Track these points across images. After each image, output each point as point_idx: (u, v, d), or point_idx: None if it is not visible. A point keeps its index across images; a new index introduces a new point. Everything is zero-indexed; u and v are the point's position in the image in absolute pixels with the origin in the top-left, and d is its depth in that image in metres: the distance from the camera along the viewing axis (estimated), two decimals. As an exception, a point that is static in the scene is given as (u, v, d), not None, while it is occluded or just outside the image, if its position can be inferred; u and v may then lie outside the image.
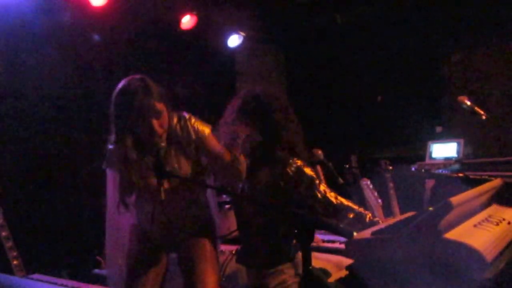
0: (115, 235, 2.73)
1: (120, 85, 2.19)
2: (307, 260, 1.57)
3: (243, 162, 2.33)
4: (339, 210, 2.39)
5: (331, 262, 2.70)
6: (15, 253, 2.94)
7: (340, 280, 2.33)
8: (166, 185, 2.26)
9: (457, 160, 4.16)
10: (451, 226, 1.61)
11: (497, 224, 1.71)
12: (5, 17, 3.39)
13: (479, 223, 1.69)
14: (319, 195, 2.38)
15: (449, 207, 1.51)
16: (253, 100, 2.50)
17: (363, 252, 1.73)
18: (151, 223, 2.36)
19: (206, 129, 2.34)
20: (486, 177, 2.39)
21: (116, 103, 2.18)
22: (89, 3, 3.70)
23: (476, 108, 3.05)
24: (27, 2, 3.33)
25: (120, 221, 2.59)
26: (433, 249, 1.51)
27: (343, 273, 2.34)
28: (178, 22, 4.53)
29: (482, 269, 1.41)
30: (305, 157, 2.54)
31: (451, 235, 1.54)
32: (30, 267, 2.98)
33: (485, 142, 4.86)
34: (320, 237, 3.42)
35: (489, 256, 1.45)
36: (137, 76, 2.22)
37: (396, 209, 3.83)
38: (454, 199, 1.53)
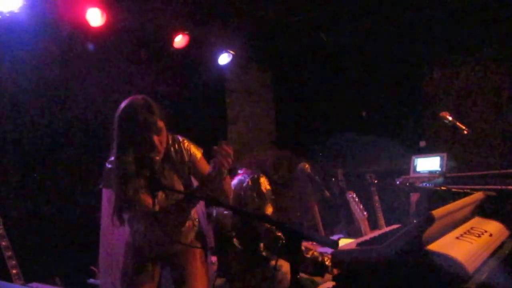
0: (109, 252, 2.74)
1: (123, 103, 2.24)
2: (294, 270, 1.59)
3: (229, 184, 2.41)
4: None
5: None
6: (14, 262, 2.96)
7: (327, 291, 2.35)
8: (159, 198, 2.29)
9: (440, 174, 4.22)
10: (434, 238, 1.63)
11: (479, 236, 1.74)
12: (5, 35, 3.42)
13: (461, 235, 1.71)
14: None
15: (431, 220, 1.54)
16: None
17: (348, 263, 1.75)
18: (144, 239, 2.38)
19: (198, 153, 2.42)
20: (468, 190, 2.44)
21: (119, 120, 2.22)
22: (88, 24, 3.82)
23: (458, 123, 3.13)
24: (27, 21, 3.37)
25: (114, 238, 2.61)
26: (416, 260, 1.53)
27: (330, 283, 2.37)
28: (171, 41, 4.66)
29: (464, 280, 1.43)
30: None
31: (434, 246, 1.56)
32: (29, 276, 2.99)
33: (468, 156, 4.94)
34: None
35: (470, 267, 1.47)
36: (139, 96, 2.27)
37: (381, 221, 3.88)
38: (436, 212, 1.56)
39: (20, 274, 2.97)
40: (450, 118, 3.10)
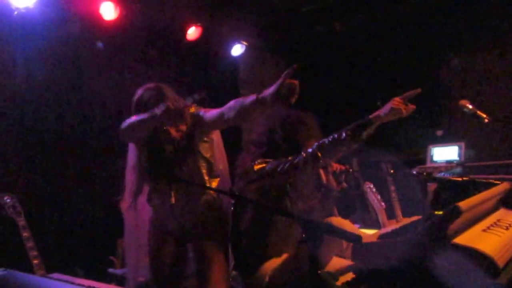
0: (132, 229, 2.74)
1: (138, 92, 2.23)
2: (314, 264, 1.57)
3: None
4: None
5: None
6: (35, 253, 2.98)
7: (347, 283, 2.33)
8: (176, 188, 2.28)
9: (459, 163, 4.15)
10: (459, 231, 1.59)
11: (507, 229, 1.68)
12: (20, 30, 3.44)
13: (488, 227, 1.67)
14: None
15: (458, 212, 1.50)
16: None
17: (370, 256, 1.72)
18: (161, 215, 2.40)
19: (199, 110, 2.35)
20: (492, 180, 2.38)
21: (135, 109, 2.22)
22: (101, 17, 3.84)
23: (478, 112, 3.06)
24: (41, 16, 3.39)
25: (137, 215, 2.60)
26: (442, 254, 1.49)
27: (349, 276, 2.34)
28: (184, 33, 4.66)
29: (494, 275, 1.39)
30: None
31: (460, 240, 1.52)
32: (50, 266, 3.02)
33: (486, 145, 4.85)
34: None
35: (500, 261, 1.43)
36: (152, 85, 2.25)
37: (398, 212, 3.84)
38: (463, 204, 1.51)
39: (41, 265, 3.00)
40: (470, 107, 3.02)
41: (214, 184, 2.44)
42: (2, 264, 2.24)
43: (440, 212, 1.81)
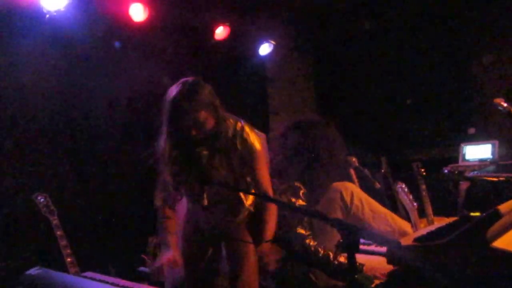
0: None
1: (171, 88, 2.25)
2: (352, 268, 1.56)
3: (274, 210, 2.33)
4: None
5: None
6: (69, 251, 3.02)
7: (380, 285, 2.31)
8: (208, 191, 2.29)
9: (492, 162, 4.07)
10: (498, 234, 1.56)
11: (547, 232, 1.65)
12: (52, 33, 3.51)
13: (528, 230, 1.63)
14: None
15: (497, 215, 1.47)
16: None
17: (406, 259, 1.70)
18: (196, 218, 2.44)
19: (257, 145, 2.31)
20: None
21: (166, 107, 2.23)
22: (130, 19, 3.88)
23: (513, 110, 2.99)
24: (72, 18, 3.44)
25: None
26: (481, 258, 1.47)
27: (383, 278, 2.32)
28: (212, 33, 4.70)
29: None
30: None
31: (499, 243, 1.49)
32: (82, 265, 3.07)
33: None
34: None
35: (542, 266, 1.40)
36: (189, 80, 2.29)
37: (429, 211, 3.78)
38: (503, 207, 1.50)
39: (75, 262, 3.05)
40: (505, 105, 2.96)
41: None
42: (37, 263, 2.31)
43: (477, 214, 1.77)
